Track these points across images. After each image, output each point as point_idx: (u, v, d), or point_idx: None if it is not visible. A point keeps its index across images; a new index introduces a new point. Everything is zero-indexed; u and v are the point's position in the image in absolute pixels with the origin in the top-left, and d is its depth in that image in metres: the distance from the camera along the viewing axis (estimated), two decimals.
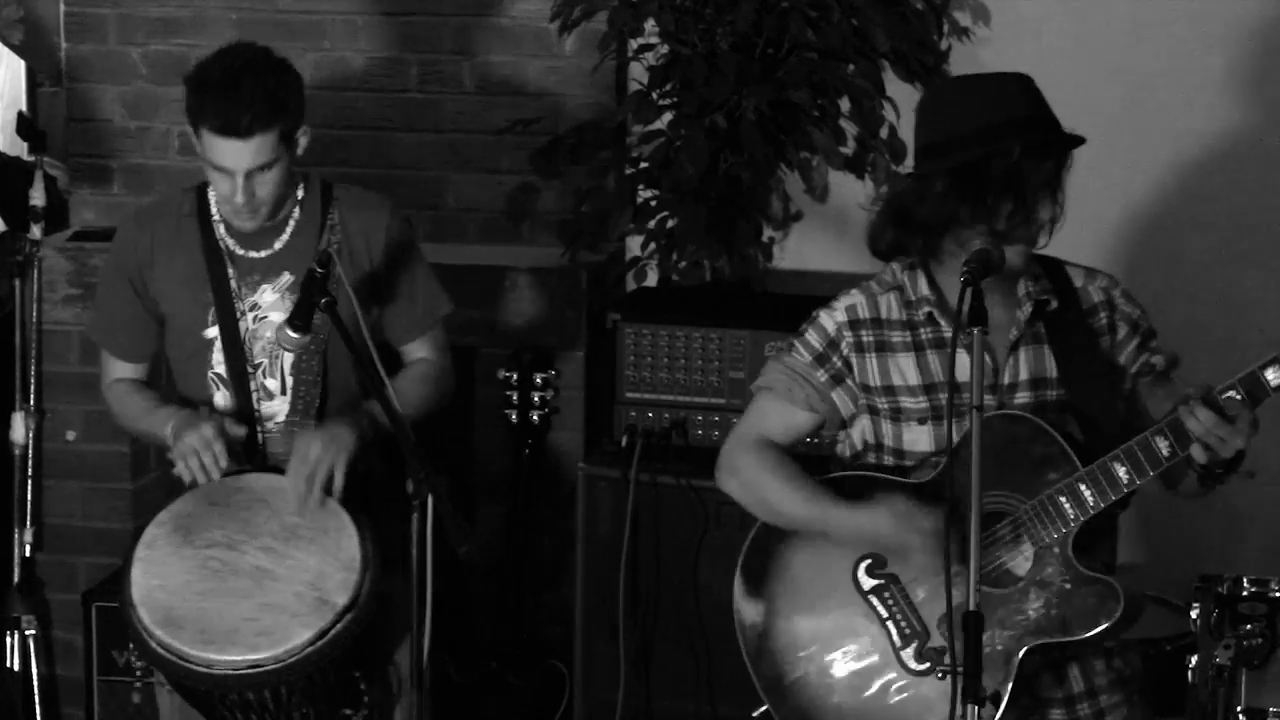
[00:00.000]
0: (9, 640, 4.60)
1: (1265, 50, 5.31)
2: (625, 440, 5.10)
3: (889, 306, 3.72)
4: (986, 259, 3.47)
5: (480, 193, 5.67)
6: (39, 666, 4.63)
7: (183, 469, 4.08)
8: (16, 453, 4.63)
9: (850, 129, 5.43)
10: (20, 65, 5.82)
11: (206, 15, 5.73)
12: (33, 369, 4.64)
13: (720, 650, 5.01)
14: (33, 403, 4.63)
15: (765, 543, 3.80)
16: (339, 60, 5.72)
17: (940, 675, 3.62)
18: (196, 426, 4.07)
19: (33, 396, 4.63)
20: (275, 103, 4.01)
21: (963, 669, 3.29)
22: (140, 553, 4.00)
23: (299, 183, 4.21)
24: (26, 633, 4.59)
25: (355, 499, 4.02)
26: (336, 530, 3.98)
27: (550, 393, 5.33)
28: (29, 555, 4.61)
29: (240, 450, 4.14)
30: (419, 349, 4.32)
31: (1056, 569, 3.58)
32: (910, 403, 3.69)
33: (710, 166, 5.32)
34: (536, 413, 5.33)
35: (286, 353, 4.13)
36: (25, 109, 5.51)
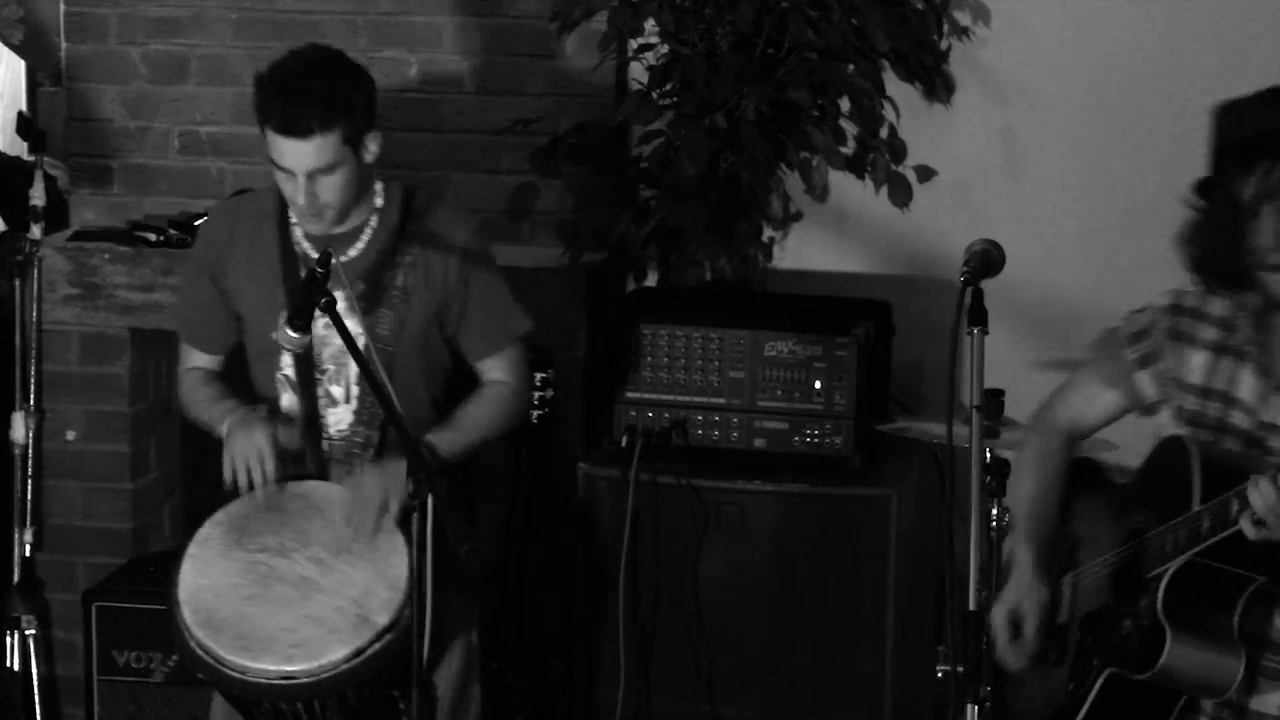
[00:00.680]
0: (9, 640, 4.60)
1: (1265, 50, 5.30)
2: (625, 440, 5.10)
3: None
4: (987, 259, 3.46)
5: (480, 193, 5.66)
6: (39, 666, 4.63)
7: (229, 473, 4.06)
8: (17, 452, 4.63)
9: (850, 129, 5.43)
10: (20, 65, 5.83)
11: (206, 15, 5.72)
12: (33, 369, 4.64)
13: (720, 650, 5.02)
14: (33, 403, 4.63)
15: None
16: None
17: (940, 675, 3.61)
18: (250, 433, 4.05)
19: (33, 396, 4.63)
20: (337, 104, 3.97)
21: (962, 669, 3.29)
22: (193, 549, 4.00)
23: (375, 189, 4.18)
24: (26, 632, 4.59)
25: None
26: (389, 549, 3.96)
27: (550, 393, 5.33)
28: (29, 555, 4.61)
29: (293, 456, 4.12)
30: (493, 367, 4.28)
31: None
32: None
33: (710, 166, 5.31)
34: (536, 413, 5.32)
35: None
36: (25, 109, 5.51)
